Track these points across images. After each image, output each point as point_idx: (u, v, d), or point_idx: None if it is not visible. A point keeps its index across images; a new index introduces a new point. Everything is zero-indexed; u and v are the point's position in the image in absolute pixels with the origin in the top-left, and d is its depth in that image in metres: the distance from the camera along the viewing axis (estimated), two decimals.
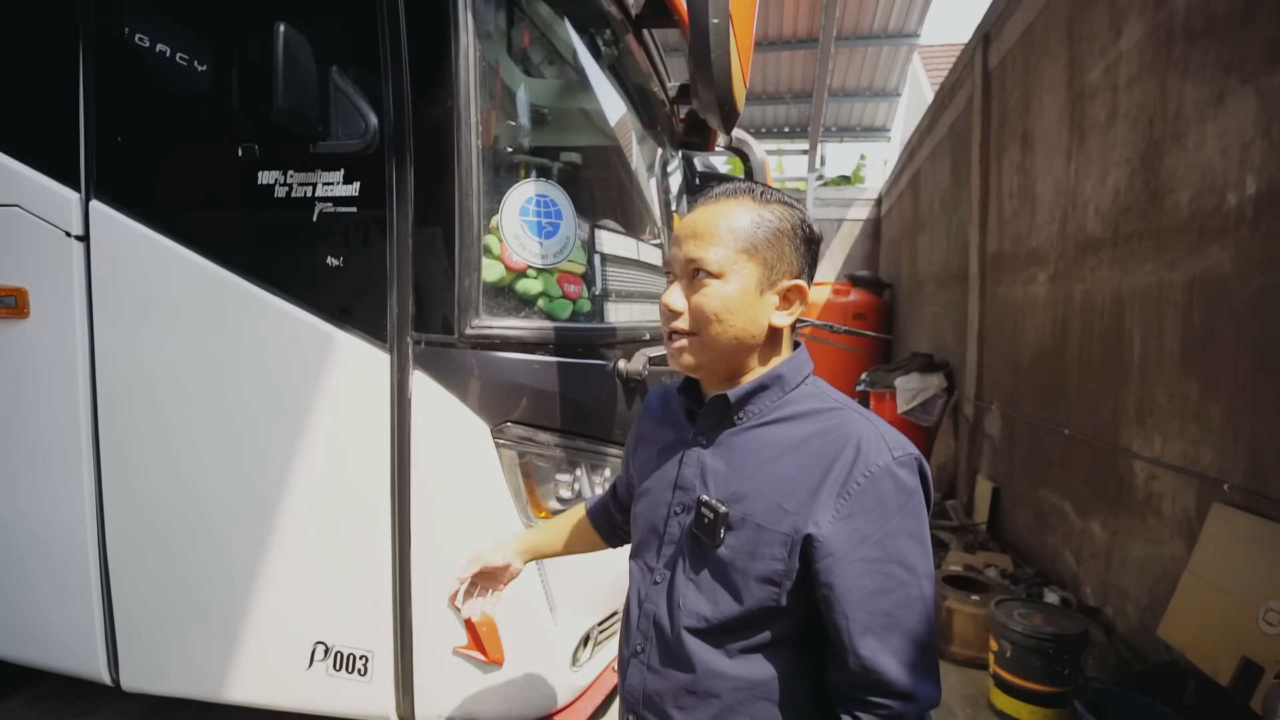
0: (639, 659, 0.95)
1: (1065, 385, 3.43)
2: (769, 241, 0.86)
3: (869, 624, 0.79)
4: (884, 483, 0.80)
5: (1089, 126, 3.19)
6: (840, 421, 0.86)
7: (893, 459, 0.81)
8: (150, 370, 1.63)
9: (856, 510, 0.80)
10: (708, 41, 1.17)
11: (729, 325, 0.86)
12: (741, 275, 0.86)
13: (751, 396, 0.90)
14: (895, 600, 0.79)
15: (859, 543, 0.80)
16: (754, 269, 0.86)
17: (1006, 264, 4.32)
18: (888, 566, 0.79)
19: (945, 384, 5.50)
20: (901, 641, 0.79)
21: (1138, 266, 2.75)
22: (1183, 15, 2.47)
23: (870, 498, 0.80)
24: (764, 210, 0.87)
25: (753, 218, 0.86)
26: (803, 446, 0.86)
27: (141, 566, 1.71)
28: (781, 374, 0.90)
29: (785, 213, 0.88)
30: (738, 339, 0.87)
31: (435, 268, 1.47)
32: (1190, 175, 2.42)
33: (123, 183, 1.63)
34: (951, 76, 5.66)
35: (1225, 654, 1.97)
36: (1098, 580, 3.06)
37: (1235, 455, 2.17)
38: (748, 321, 0.87)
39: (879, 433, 0.83)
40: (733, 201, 0.88)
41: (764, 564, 0.84)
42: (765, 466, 0.87)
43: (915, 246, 7.35)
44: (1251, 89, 2.12)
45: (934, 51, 10.46)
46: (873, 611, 0.79)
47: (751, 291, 0.86)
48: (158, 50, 1.58)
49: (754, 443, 0.89)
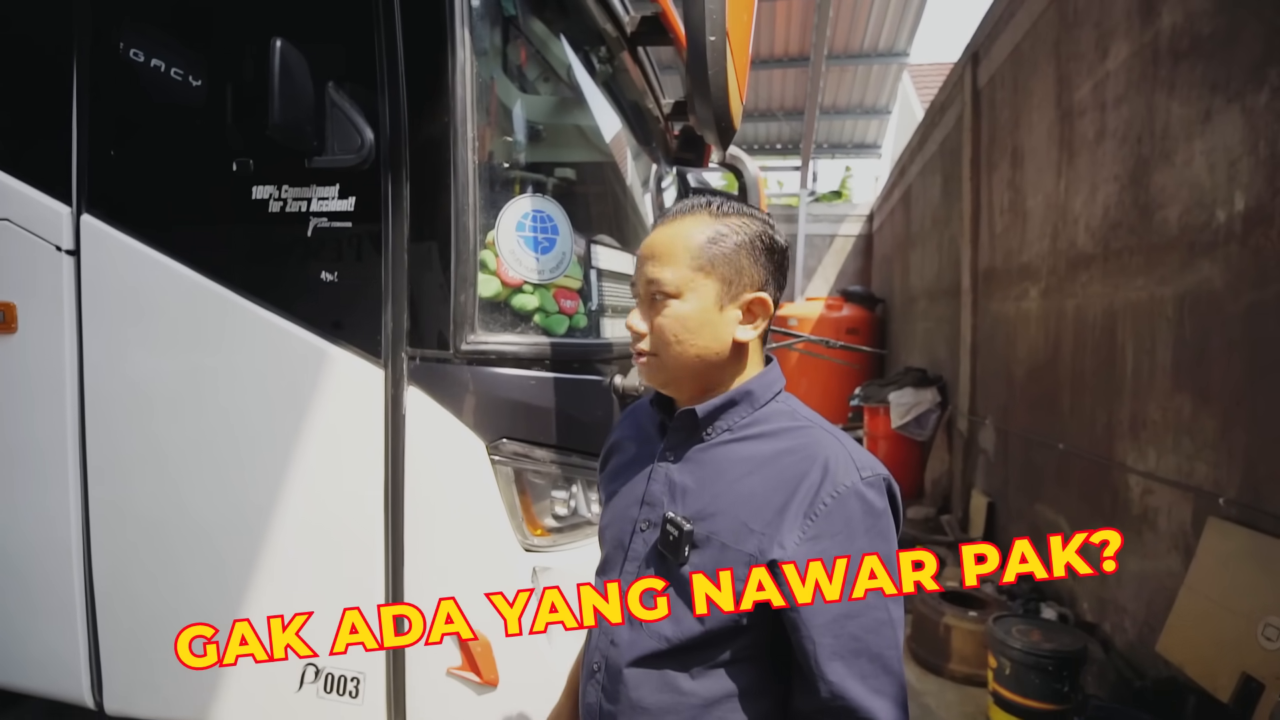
0: (596, 678, 0.93)
1: (1059, 400, 3.44)
2: (725, 256, 0.85)
3: (836, 649, 0.77)
4: (851, 504, 0.79)
5: (1078, 144, 3.23)
6: (808, 440, 0.84)
7: (860, 479, 0.80)
8: (141, 386, 1.61)
9: (823, 531, 0.79)
10: (705, 59, 1.18)
11: (689, 345, 0.86)
12: (699, 293, 0.85)
13: (720, 412, 0.89)
14: (863, 624, 0.78)
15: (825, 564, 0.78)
16: (711, 285, 0.85)
17: (998, 279, 4.36)
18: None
19: (939, 398, 5.52)
20: (870, 667, 0.78)
21: (1129, 282, 2.78)
22: (1168, 36, 2.51)
23: (837, 519, 0.79)
24: (719, 224, 0.86)
25: (708, 233, 0.85)
26: (770, 465, 0.84)
27: (127, 586, 1.67)
28: (751, 390, 0.89)
29: (742, 224, 0.86)
30: (700, 357, 0.87)
31: (431, 283, 1.46)
32: (1179, 192, 2.45)
33: (115, 197, 1.61)
34: (941, 95, 5.75)
35: (1225, 670, 1.96)
36: (1094, 596, 3.06)
37: (1230, 469, 2.18)
38: (709, 339, 0.86)
39: (847, 452, 0.82)
40: (689, 219, 0.87)
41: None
42: (733, 485, 0.85)
43: (907, 262, 7.41)
44: (1238, 107, 2.15)
45: (923, 70, 10.62)
46: (840, 635, 0.77)
47: (710, 309, 0.85)
48: (152, 64, 1.58)
49: (722, 459, 0.88)
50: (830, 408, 7.43)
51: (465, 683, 1.50)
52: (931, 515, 5.09)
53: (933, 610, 2.99)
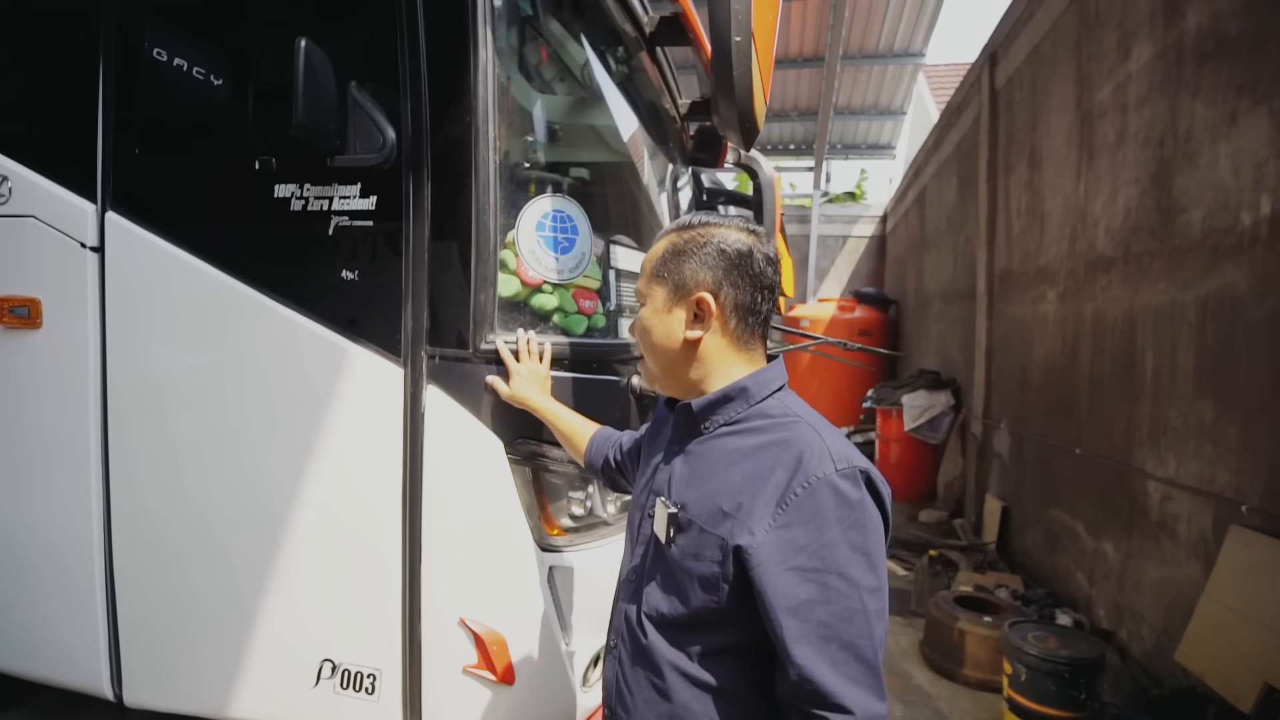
0: (613, 654, 1.01)
1: (1076, 404, 3.40)
2: (676, 263, 0.95)
3: (803, 633, 0.79)
4: (823, 494, 0.81)
5: (1098, 146, 3.20)
6: (790, 434, 0.88)
7: (835, 470, 0.82)
8: (162, 382, 1.63)
9: (793, 520, 0.81)
10: (730, 59, 1.18)
11: (651, 344, 0.98)
12: (653, 298, 0.97)
13: (715, 407, 0.95)
14: (833, 611, 0.79)
15: (794, 552, 0.81)
16: (661, 290, 0.96)
17: (1015, 282, 4.32)
18: (825, 577, 0.80)
19: (952, 401, 5.48)
20: (840, 653, 0.79)
21: (1150, 285, 2.74)
22: (1193, 37, 2.48)
23: (808, 508, 0.81)
24: (678, 237, 0.96)
25: (667, 247, 0.97)
26: (752, 456, 0.89)
27: (148, 579, 1.69)
28: (746, 386, 0.94)
29: (699, 233, 0.95)
30: (661, 354, 0.97)
31: (451, 282, 1.46)
32: (1203, 195, 2.42)
33: (139, 194, 1.63)
34: (958, 95, 5.70)
35: (1247, 680, 1.94)
36: (1111, 602, 3.02)
37: (1253, 476, 2.15)
38: (661, 337, 0.96)
39: (825, 444, 0.84)
40: (663, 238, 0.99)
41: (704, 566, 0.87)
42: (718, 473, 0.91)
43: (921, 264, 7.36)
44: (1264, 110, 2.12)
45: (938, 71, 10.55)
46: (807, 620, 0.79)
47: (660, 311, 0.96)
48: (176, 64, 1.59)
49: (713, 451, 0.93)
50: (842, 409, 7.39)
51: (481, 681, 1.50)
52: (944, 519, 5.06)
53: (947, 615, 2.97)
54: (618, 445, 1.35)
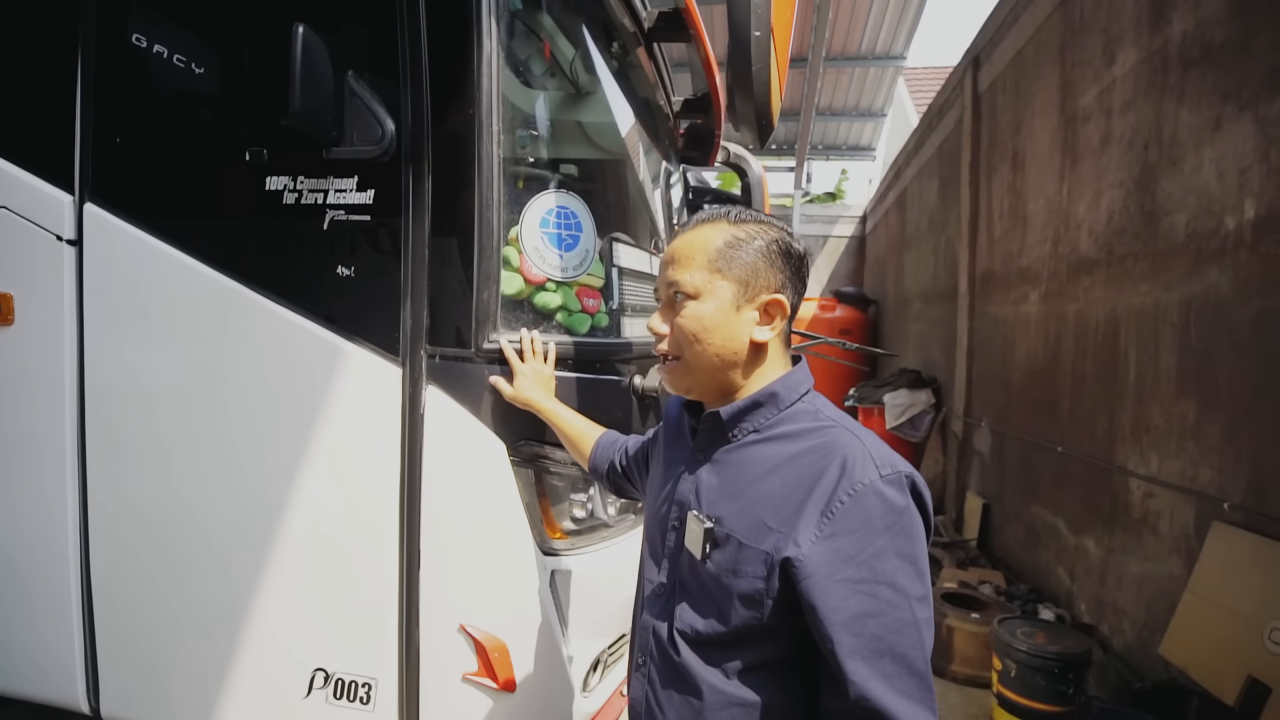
0: (640, 672, 0.97)
1: (1058, 403, 3.46)
2: (742, 259, 0.89)
3: (856, 648, 0.76)
4: (869, 501, 0.79)
5: (1082, 149, 3.25)
6: (829, 440, 0.85)
7: (880, 477, 0.79)
8: (144, 381, 1.56)
9: (840, 529, 0.79)
10: (749, 54, 1.16)
11: (708, 344, 0.89)
12: (716, 294, 0.89)
13: (745, 414, 0.91)
14: (884, 624, 0.77)
15: (843, 563, 0.78)
16: (728, 286, 0.89)
17: (997, 283, 4.38)
18: (875, 588, 0.77)
19: (933, 400, 5.55)
20: (893, 667, 0.76)
21: (1133, 287, 2.80)
22: (1178, 43, 2.53)
23: (855, 517, 0.78)
24: (736, 230, 0.90)
25: (725, 238, 0.90)
26: (790, 464, 0.85)
27: (126, 587, 1.62)
28: (775, 391, 0.91)
29: (759, 230, 0.91)
30: (719, 356, 0.90)
31: (452, 279, 1.42)
32: (1187, 199, 2.47)
33: (120, 186, 1.56)
34: (940, 98, 5.77)
35: (1230, 673, 1.98)
36: (1093, 598, 3.08)
37: (1235, 474, 2.20)
38: (726, 338, 0.89)
39: (866, 450, 0.82)
40: (709, 225, 0.92)
41: (746, 582, 0.83)
42: (753, 484, 0.87)
43: (901, 264, 7.44)
44: (1249, 116, 2.17)
45: (916, 74, 10.68)
46: (860, 635, 0.76)
47: (727, 308, 0.89)
48: (161, 50, 1.52)
49: (745, 460, 0.90)
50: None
51: (481, 689, 1.47)
52: None
53: (935, 612, 3.00)
54: (623, 450, 1.32)
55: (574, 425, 1.39)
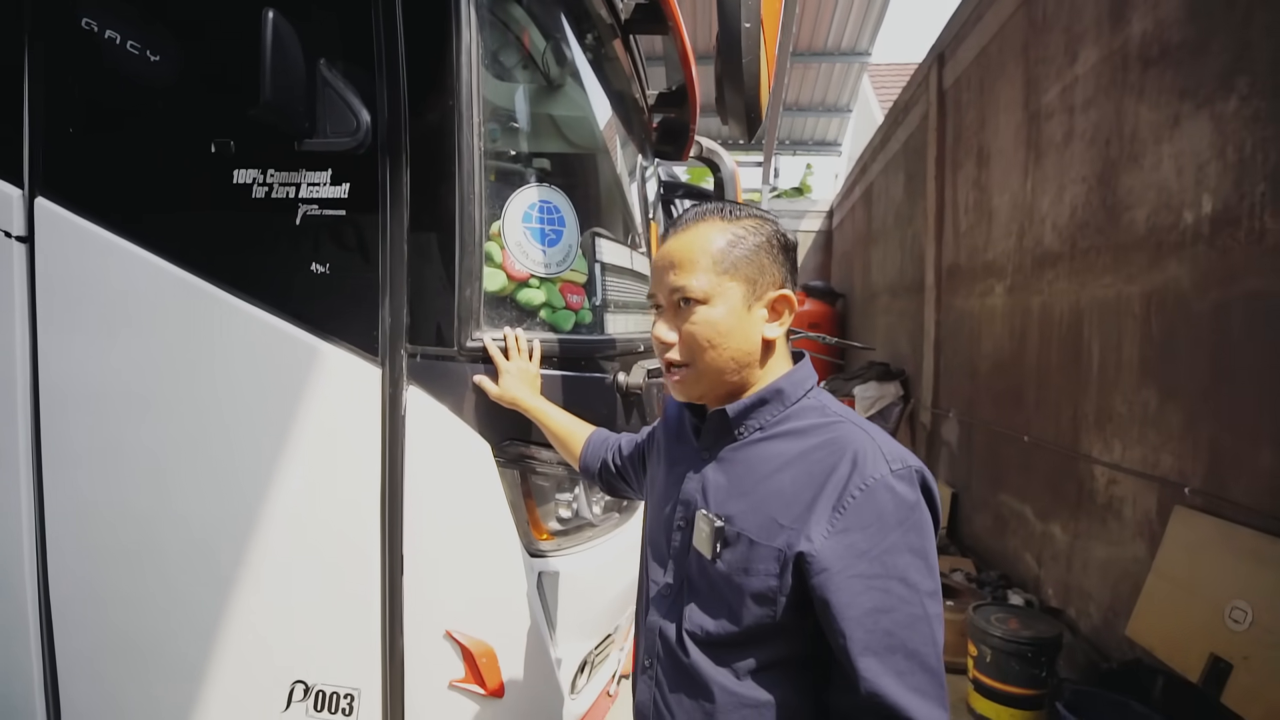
0: (648, 674, 0.96)
1: (1024, 393, 3.56)
2: (747, 258, 0.87)
3: (869, 644, 0.76)
4: (881, 496, 0.78)
5: (1045, 145, 3.33)
6: (837, 435, 0.85)
7: (890, 471, 0.79)
8: (104, 386, 1.48)
9: (852, 525, 0.78)
10: (739, 46, 1.14)
11: (723, 349, 0.88)
12: (727, 296, 0.87)
13: (751, 411, 0.90)
14: (896, 619, 0.77)
15: (855, 558, 0.78)
16: (737, 287, 0.87)
17: (963, 276, 4.48)
18: (887, 583, 0.77)
19: (901, 392, 5.66)
20: (905, 663, 0.76)
21: (1096, 279, 2.88)
22: (1138, 43, 2.60)
23: (867, 512, 0.78)
24: (736, 227, 0.88)
25: (727, 237, 0.87)
26: (799, 461, 0.85)
27: (89, 603, 1.53)
28: (781, 388, 0.90)
29: (758, 225, 0.89)
30: (734, 360, 0.89)
31: (432, 276, 1.38)
32: (1147, 194, 2.55)
33: (74, 179, 1.47)
34: (905, 94, 5.86)
35: (1194, 652, 2.06)
36: (1059, 582, 3.18)
37: (1195, 460, 2.29)
38: (741, 340, 0.88)
39: (876, 445, 0.82)
40: (704, 224, 0.89)
41: (758, 580, 0.82)
42: (762, 481, 0.86)
43: (868, 258, 7.56)
44: (1206, 113, 2.24)
45: (880, 70, 10.84)
46: (872, 630, 0.76)
47: (739, 310, 0.87)
48: (118, 33, 1.44)
49: (753, 457, 0.89)
50: None
51: (469, 696, 1.44)
52: None
53: None
54: (616, 449, 1.30)
55: (562, 424, 1.37)
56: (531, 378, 1.39)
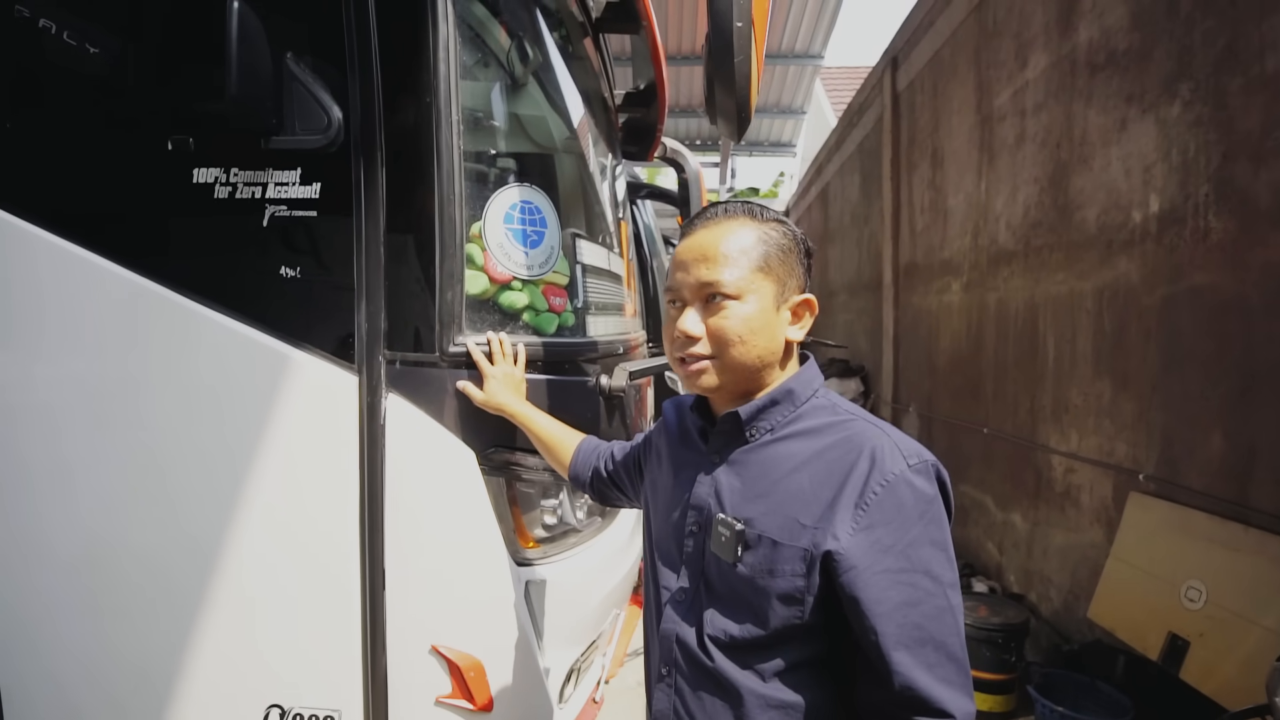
0: (665, 682, 0.94)
1: (982, 386, 3.67)
2: (780, 258, 0.87)
3: (900, 638, 0.77)
4: (901, 491, 0.79)
5: (998, 147, 3.45)
6: (853, 432, 0.85)
7: (908, 466, 0.80)
8: (60, 400, 1.37)
9: (876, 520, 0.79)
10: (731, 45, 1.13)
11: (752, 346, 0.87)
12: (759, 294, 0.86)
13: (763, 412, 0.90)
14: (924, 612, 0.78)
15: (881, 553, 0.78)
16: (770, 287, 0.87)
17: (920, 274, 4.60)
18: (913, 577, 0.78)
19: (862, 388, 5.78)
20: (934, 655, 0.77)
21: (1049, 276, 2.99)
22: (1085, 50, 2.72)
23: (889, 507, 0.79)
24: (767, 228, 0.88)
25: (759, 236, 0.87)
26: (816, 460, 0.85)
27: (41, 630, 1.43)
28: (792, 388, 0.90)
29: (784, 228, 0.90)
30: (760, 358, 0.88)
31: (411, 279, 1.33)
32: (1097, 194, 2.66)
33: (15, 180, 1.36)
34: (860, 96, 5.99)
35: (1153, 631, 2.16)
36: (1020, 568, 3.29)
37: (1149, 447, 2.40)
38: (768, 339, 0.88)
39: (892, 441, 0.83)
40: (734, 222, 0.88)
41: (784, 581, 0.82)
42: (779, 482, 0.86)
43: (825, 257, 7.70)
44: (1152, 118, 2.35)
45: (832, 73, 11.08)
46: (903, 625, 0.77)
47: (770, 310, 0.87)
48: (60, 22, 1.34)
49: (767, 459, 0.88)
50: None
51: (457, 712, 1.39)
52: None
53: None
54: (608, 456, 1.27)
55: (550, 431, 1.33)
56: (516, 383, 1.36)
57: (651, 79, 2.36)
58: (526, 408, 1.34)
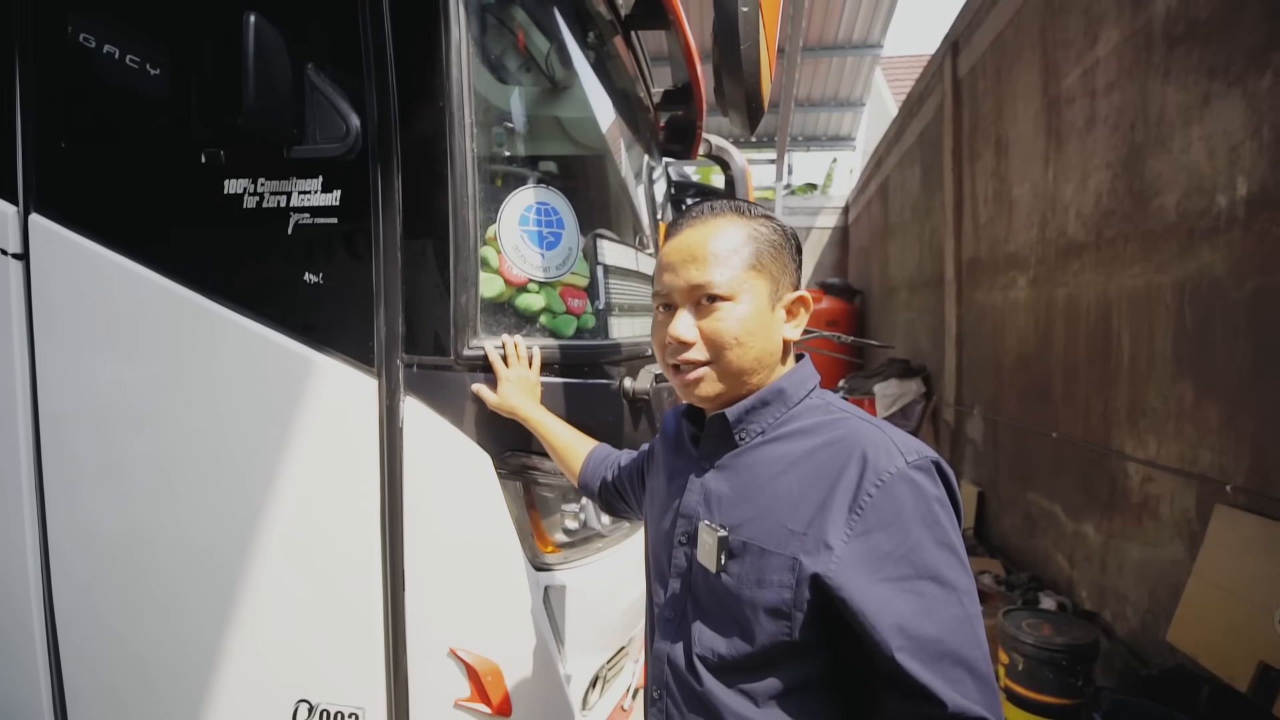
0: (657, 706, 0.89)
1: (1050, 388, 3.44)
2: (772, 255, 0.84)
3: (912, 651, 0.69)
4: (899, 490, 0.72)
5: (1066, 131, 3.22)
6: (846, 431, 0.79)
7: (906, 464, 0.73)
8: (104, 403, 1.46)
9: (872, 525, 0.72)
10: (737, 32, 1.08)
11: (749, 347, 0.82)
12: (754, 293, 0.83)
13: (751, 413, 0.85)
14: (938, 623, 0.70)
15: (881, 560, 0.71)
16: (763, 285, 0.83)
17: (984, 269, 4.36)
18: (919, 584, 0.70)
19: (923, 389, 5.53)
20: (955, 671, 0.69)
21: (1124, 269, 2.77)
22: (1161, 20, 2.49)
23: (886, 509, 0.72)
24: (756, 225, 0.85)
25: (748, 233, 0.84)
26: (805, 461, 0.79)
27: (95, 621, 1.52)
28: (783, 388, 0.85)
29: (771, 224, 0.86)
30: (758, 360, 0.84)
31: (427, 283, 1.34)
32: (1176, 178, 2.44)
33: (68, 195, 1.45)
34: (919, 85, 5.74)
35: (1241, 659, 1.95)
36: (1093, 584, 3.06)
37: (1237, 456, 2.17)
38: (765, 340, 0.84)
39: (888, 438, 0.76)
40: (722, 220, 0.84)
41: (771, 592, 0.76)
42: (767, 485, 0.80)
43: (886, 253, 7.43)
44: (1238, 91, 2.13)
45: (893, 63, 10.69)
46: (914, 638, 0.69)
47: (765, 309, 0.83)
48: (108, 48, 1.43)
49: (756, 462, 0.83)
50: None
51: (475, 715, 1.39)
52: None
53: None
54: (615, 465, 1.24)
55: (563, 437, 1.31)
56: (531, 386, 1.35)
57: (687, 76, 2.31)
58: (540, 412, 1.33)
